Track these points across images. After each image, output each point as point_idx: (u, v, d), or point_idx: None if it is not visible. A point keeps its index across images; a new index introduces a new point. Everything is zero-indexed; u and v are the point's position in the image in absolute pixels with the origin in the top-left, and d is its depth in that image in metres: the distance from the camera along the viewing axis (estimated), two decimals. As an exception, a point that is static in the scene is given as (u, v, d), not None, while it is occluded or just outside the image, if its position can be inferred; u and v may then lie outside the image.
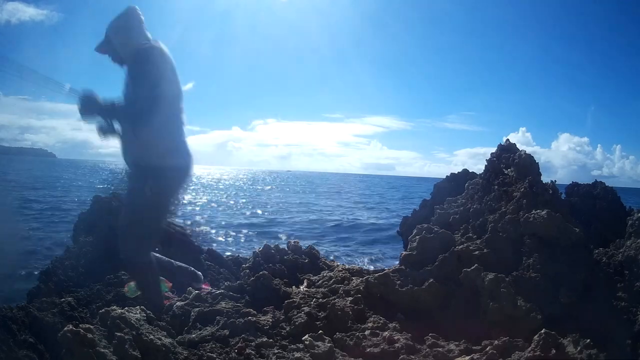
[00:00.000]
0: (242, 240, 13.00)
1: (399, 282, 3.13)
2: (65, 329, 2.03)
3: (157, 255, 3.96)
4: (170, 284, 3.48)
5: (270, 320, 2.81)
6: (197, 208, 22.00)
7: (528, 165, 3.50)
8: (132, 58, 2.53)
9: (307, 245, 4.60)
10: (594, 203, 7.29)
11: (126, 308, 2.48)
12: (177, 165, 2.72)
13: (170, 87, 2.60)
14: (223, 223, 16.53)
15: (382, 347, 2.50)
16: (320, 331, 2.55)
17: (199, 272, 3.95)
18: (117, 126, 2.62)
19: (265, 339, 2.53)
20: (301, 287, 3.64)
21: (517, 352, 2.22)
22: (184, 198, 2.90)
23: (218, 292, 3.28)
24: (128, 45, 2.54)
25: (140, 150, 2.64)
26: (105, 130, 2.59)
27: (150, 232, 2.75)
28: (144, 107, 2.44)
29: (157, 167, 2.62)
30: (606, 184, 7.68)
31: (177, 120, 2.72)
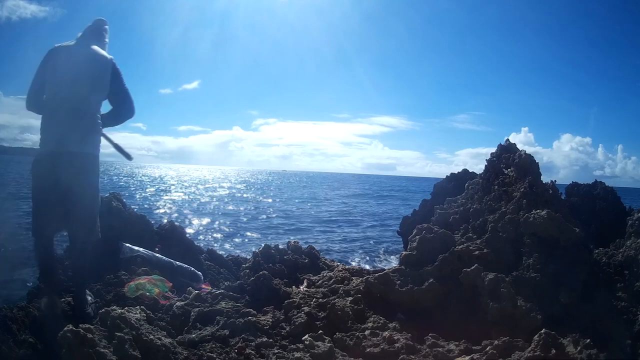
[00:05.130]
0: (241, 241, 13.00)
1: (399, 282, 3.13)
2: (65, 329, 2.03)
3: (158, 255, 3.97)
4: (171, 284, 3.48)
5: (270, 320, 2.81)
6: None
7: (528, 165, 3.50)
8: None
9: (307, 244, 4.61)
10: (594, 203, 7.29)
11: (126, 308, 2.48)
12: (98, 154, 3.10)
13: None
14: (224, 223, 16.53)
15: (382, 347, 2.50)
16: (320, 331, 2.55)
17: (199, 272, 3.96)
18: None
19: (265, 339, 2.53)
20: (301, 287, 3.64)
21: (517, 352, 2.22)
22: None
23: (218, 292, 3.28)
24: None
25: (83, 138, 2.95)
26: None
27: (98, 212, 3.09)
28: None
29: (93, 154, 3.01)
30: (608, 185, 7.67)
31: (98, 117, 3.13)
